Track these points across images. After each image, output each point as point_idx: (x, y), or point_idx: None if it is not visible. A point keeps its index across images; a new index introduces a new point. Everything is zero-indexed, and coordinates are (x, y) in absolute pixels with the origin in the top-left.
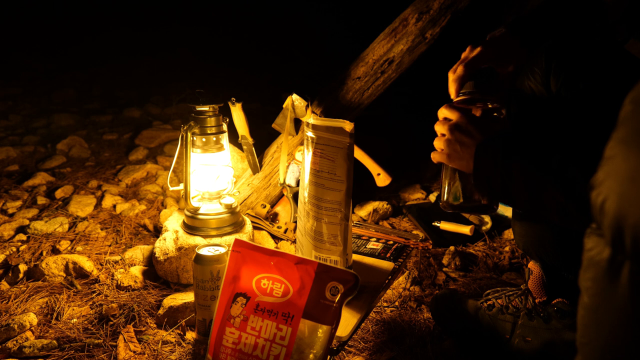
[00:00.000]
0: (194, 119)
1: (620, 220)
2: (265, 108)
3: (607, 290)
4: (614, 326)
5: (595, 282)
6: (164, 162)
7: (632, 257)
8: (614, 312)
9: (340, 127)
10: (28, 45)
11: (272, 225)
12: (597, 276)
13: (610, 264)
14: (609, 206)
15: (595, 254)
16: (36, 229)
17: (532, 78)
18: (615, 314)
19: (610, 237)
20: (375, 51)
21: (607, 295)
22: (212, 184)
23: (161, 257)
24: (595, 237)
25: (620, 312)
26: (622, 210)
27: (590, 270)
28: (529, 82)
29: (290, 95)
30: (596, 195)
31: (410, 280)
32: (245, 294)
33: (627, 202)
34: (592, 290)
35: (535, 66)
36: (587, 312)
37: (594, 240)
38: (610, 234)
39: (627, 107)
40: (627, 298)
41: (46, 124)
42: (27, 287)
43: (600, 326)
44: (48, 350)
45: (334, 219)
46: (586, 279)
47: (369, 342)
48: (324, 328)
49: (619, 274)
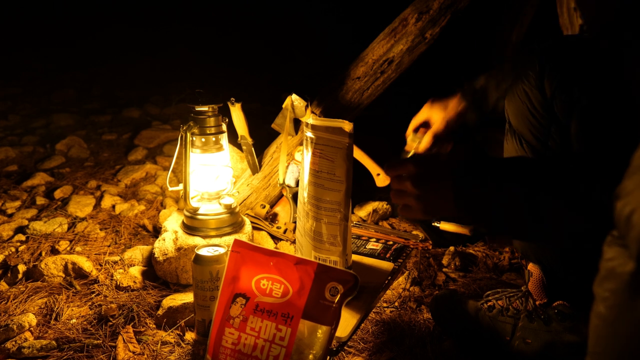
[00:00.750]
0: (193, 119)
1: None
2: (265, 108)
3: (627, 304)
4: (631, 340)
5: (614, 294)
6: (163, 163)
7: None
8: (634, 327)
9: (340, 127)
10: (28, 45)
11: (271, 226)
12: (618, 288)
13: (633, 278)
14: (637, 219)
15: (616, 265)
16: (35, 229)
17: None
18: (635, 329)
19: (636, 250)
20: (375, 51)
21: (627, 309)
22: (212, 184)
23: (160, 258)
24: (617, 247)
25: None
26: None
27: (610, 282)
28: (523, 86)
29: (290, 96)
30: (623, 206)
31: (410, 281)
32: (244, 295)
33: None
34: (610, 302)
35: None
36: (603, 323)
37: (615, 250)
38: (637, 248)
39: None
40: None
41: (45, 124)
42: (26, 287)
43: (617, 338)
44: (47, 351)
45: (333, 220)
46: (604, 289)
47: (369, 342)
48: (323, 328)
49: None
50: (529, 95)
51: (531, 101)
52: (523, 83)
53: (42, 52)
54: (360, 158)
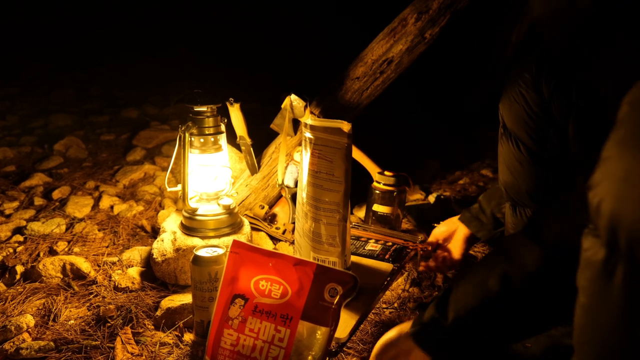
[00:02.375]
0: (192, 119)
1: (615, 222)
2: (264, 108)
3: (602, 290)
4: (609, 326)
5: (591, 282)
6: (162, 163)
7: (625, 257)
8: (610, 312)
9: (338, 127)
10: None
11: (270, 226)
12: (593, 276)
13: (605, 264)
14: (605, 207)
15: (591, 254)
16: (33, 229)
17: (522, 84)
18: (611, 314)
19: (605, 237)
20: (374, 51)
21: (602, 295)
22: (210, 185)
23: (159, 258)
24: (591, 237)
25: (615, 312)
26: (616, 211)
27: (587, 271)
28: (519, 88)
29: (289, 96)
30: (593, 196)
31: (410, 282)
32: (243, 296)
33: (621, 203)
34: (588, 290)
35: (525, 72)
36: (584, 312)
37: (590, 240)
38: (606, 235)
39: (624, 108)
40: (621, 298)
41: (43, 124)
42: (24, 288)
43: (596, 326)
44: (45, 352)
45: (332, 220)
46: (583, 279)
47: (368, 343)
48: (322, 330)
49: (613, 274)
50: (526, 97)
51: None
52: (519, 85)
53: (41, 52)
54: (359, 158)
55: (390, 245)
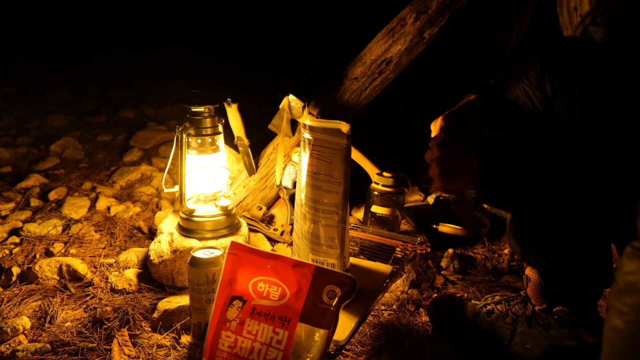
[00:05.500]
0: (189, 120)
1: None
2: (262, 109)
3: None
4: None
5: (635, 310)
6: (159, 164)
7: None
8: None
9: (337, 128)
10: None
11: (268, 228)
12: (638, 304)
13: None
14: None
15: (637, 279)
16: (29, 231)
17: (526, 81)
18: None
19: None
20: (373, 51)
21: None
22: (208, 186)
23: (156, 260)
24: (638, 260)
25: None
26: None
27: (630, 297)
28: (523, 85)
29: (287, 96)
30: None
31: (409, 284)
32: (241, 297)
33: None
34: (629, 317)
35: (529, 69)
36: (620, 337)
37: (637, 264)
38: None
39: None
40: None
41: (40, 125)
42: (20, 290)
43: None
44: (41, 354)
45: (331, 222)
46: (623, 303)
47: (367, 345)
48: (321, 332)
49: None
50: (530, 95)
51: (532, 101)
52: (523, 82)
53: (36, 52)
54: (358, 159)
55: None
